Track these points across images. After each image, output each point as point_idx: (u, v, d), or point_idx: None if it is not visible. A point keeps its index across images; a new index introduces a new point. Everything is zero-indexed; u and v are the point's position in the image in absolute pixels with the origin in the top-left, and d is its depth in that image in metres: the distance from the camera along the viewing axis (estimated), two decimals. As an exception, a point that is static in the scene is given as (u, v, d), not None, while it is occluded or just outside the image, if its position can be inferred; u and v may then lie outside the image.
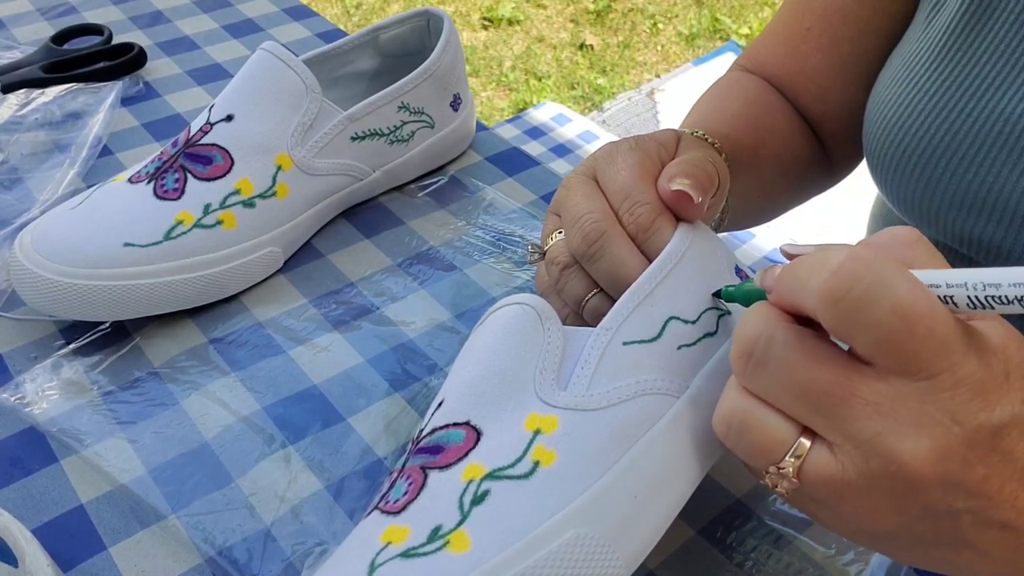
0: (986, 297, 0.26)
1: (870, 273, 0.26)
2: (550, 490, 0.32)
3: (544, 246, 0.42)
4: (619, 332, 0.35)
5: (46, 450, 0.43)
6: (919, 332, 0.26)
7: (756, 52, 0.62)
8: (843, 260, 0.27)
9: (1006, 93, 0.44)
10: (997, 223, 0.45)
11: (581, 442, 0.33)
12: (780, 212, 0.63)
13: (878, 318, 0.26)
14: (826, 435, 0.29)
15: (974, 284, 0.27)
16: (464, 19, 2.56)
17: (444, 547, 0.30)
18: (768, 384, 0.30)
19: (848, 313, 0.27)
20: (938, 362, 0.27)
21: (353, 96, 0.61)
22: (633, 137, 0.41)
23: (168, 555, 0.39)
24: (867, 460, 0.28)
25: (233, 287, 0.51)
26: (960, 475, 0.27)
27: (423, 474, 0.33)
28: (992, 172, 0.45)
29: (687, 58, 2.39)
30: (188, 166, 0.50)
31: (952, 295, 0.27)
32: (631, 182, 0.39)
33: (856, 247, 0.28)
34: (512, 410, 0.34)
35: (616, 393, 0.34)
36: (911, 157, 0.48)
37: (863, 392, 0.28)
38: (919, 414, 0.27)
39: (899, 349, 0.27)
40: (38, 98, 0.65)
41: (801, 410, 0.29)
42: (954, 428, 0.27)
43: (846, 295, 0.27)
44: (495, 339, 0.35)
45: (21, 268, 0.46)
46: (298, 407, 0.45)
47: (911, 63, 0.49)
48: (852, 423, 0.28)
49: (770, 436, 0.30)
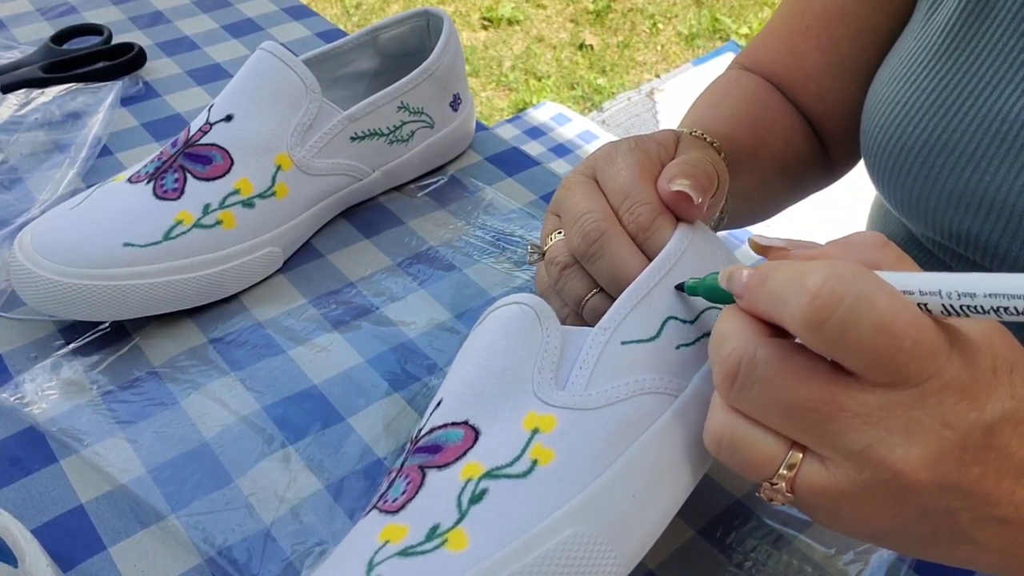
0: (960, 306, 0.26)
1: (851, 293, 0.26)
2: (548, 489, 0.32)
3: (543, 246, 0.42)
4: (617, 331, 0.35)
5: (46, 450, 0.43)
6: (904, 346, 0.26)
7: (755, 51, 0.62)
8: (822, 282, 0.26)
9: (1004, 92, 0.44)
10: (995, 222, 0.45)
11: (579, 441, 0.33)
12: (779, 210, 0.63)
13: (863, 337, 0.26)
14: (816, 449, 0.29)
15: (948, 292, 0.26)
16: (464, 19, 2.56)
17: (442, 545, 0.30)
18: (754, 404, 0.29)
19: (832, 336, 0.27)
20: (925, 370, 0.27)
21: (353, 96, 0.61)
22: (633, 137, 0.41)
23: (168, 555, 0.39)
24: (860, 471, 0.28)
25: (233, 287, 0.51)
26: (956, 476, 0.27)
27: (421, 473, 0.33)
28: (989, 171, 0.45)
29: (687, 58, 2.39)
30: (188, 166, 0.50)
31: (926, 302, 0.27)
32: (631, 182, 0.39)
33: (833, 265, 0.27)
34: (511, 409, 0.34)
35: (614, 392, 0.34)
36: (908, 155, 0.48)
37: (850, 405, 0.27)
38: (909, 422, 0.27)
39: (886, 364, 0.27)
40: (38, 98, 0.65)
41: (789, 428, 0.29)
42: (945, 432, 0.27)
43: (829, 318, 0.26)
44: (494, 339, 0.35)
45: (21, 268, 0.46)
46: (298, 407, 0.45)
47: (909, 62, 0.49)
48: (842, 437, 0.28)
49: (760, 453, 0.30)
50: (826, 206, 0.77)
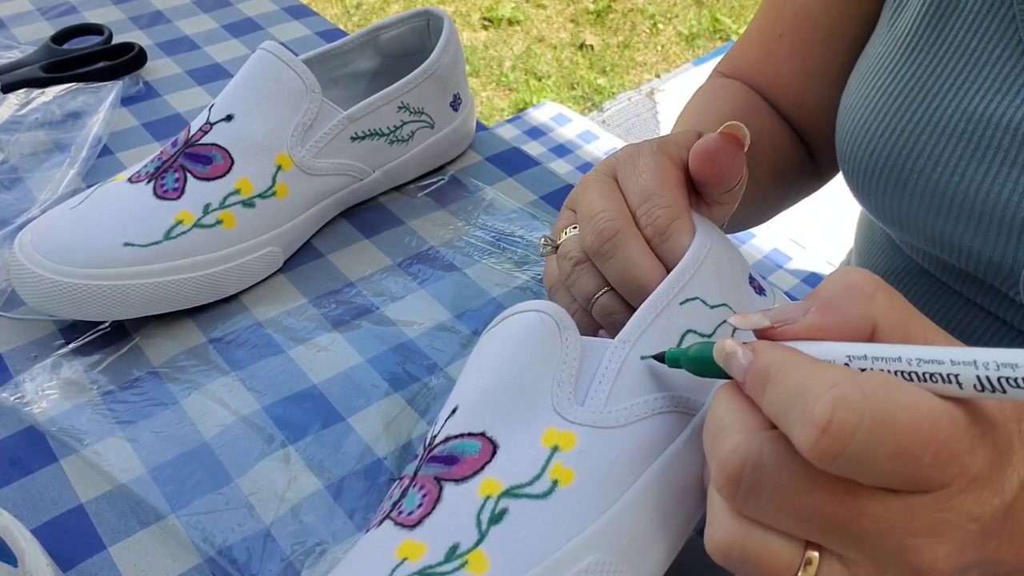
0: (999, 379, 0.23)
1: (863, 423, 0.24)
2: (569, 511, 0.31)
3: (556, 240, 0.42)
4: (637, 345, 0.35)
5: (46, 450, 0.43)
6: (925, 461, 0.24)
7: (734, 59, 0.62)
8: (830, 414, 0.24)
9: (968, 92, 0.44)
10: (966, 224, 0.45)
11: (599, 461, 0.32)
12: (772, 215, 0.63)
13: (879, 466, 0.24)
14: (836, 551, 0.27)
15: (985, 363, 0.23)
16: (464, 19, 2.56)
17: (462, 567, 0.30)
18: (765, 510, 0.27)
19: (847, 468, 0.25)
20: (948, 474, 0.25)
21: (353, 96, 0.61)
22: (656, 139, 0.41)
23: (168, 555, 0.39)
24: (883, 573, 0.27)
25: (233, 287, 0.51)
26: (977, 557, 0.27)
27: (438, 486, 0.33)
28: (957, 171, 0.44)
29: (687, 58, 2.39)
30: (188, 166, 0.50)
31: (957, 374, 0.24)
32: (652, 184, 0.38)
33: (841, 386, 0.24)
34: (529, 423, 0.33)
35: (634, 411, 0.33)
36: (878, 160, 0.47)
37: (872, 509, 0.26)
38: (935, 523, 0.26)
39: (907, 481, 0.25)
40: (38, 98, 0.65)
41: (806, 532, 0.27)
42: (971, 526, 0.26)
43: (841, 454, 0.24)
44: (511, 346, 0.35)
45: (21, 268, 0.46)
46: (298, 407, 0.45)
47: (875, 66, 0.49)
48: (866, 540, 0.26)
49: (776, 561, 0.27)
50: (828, 198, 0.77)
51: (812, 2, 0.55)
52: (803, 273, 1.40)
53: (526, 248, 0.55)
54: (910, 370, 0.25)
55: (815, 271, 1.40)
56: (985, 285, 0.48)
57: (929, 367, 0.25)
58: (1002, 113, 0.43)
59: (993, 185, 0.43)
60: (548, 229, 0.57)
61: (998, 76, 0.43)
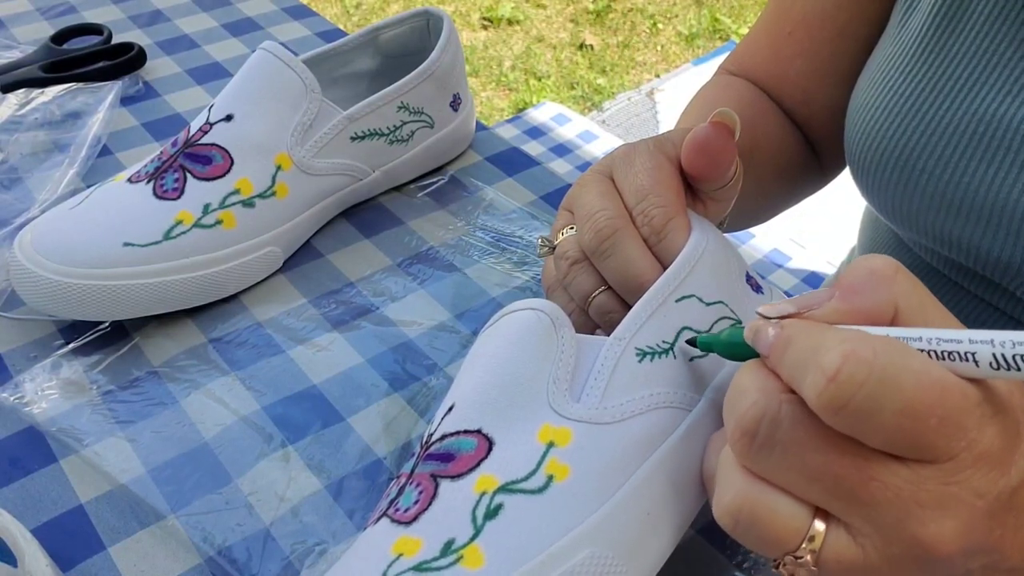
0: (1014, 356, 0.24)
1: (871, 376, 0.24)
2: (564, 506, 0.31)
3: (554, 240, 0.42)
4: (632, 342, 0.35)
5: (45, 450, 0.43)
6: (931, 424, 0.25)
7: (741, 56, 0.62)
8: (839, 363, 0.25)
9: (979, 94, 0.44)
10: (975, 223, 0.45)
11: (595, 457, 0.32)
12: (775, 213, 0.63)
13: (885, 422, 0.25)
14: (844, 517, 0.27)
15: (1002, 342, 0.24)
16: (464, 19, 2.56)
17: (457, 562, 0.30)
18: (776, 467, 0.27)
19: (851, 421, 0.25)
20: (954, 445, 0.25)
21: (353, 96, 0.61)
22: (652, 138, 0.41)
23: (168, 555, 0.39)
24: (889, 544, 0.27)
25: (233, 287, 0.51)
26: (982, 541, 0.27)
27: (434, 483, 0.33)
28: (968, 172, 0.44)
29: (687, 58, 2.39)
30: (188, 166, 0.50)
31: (975, 352, 0.25)
32: (648, 183, 0.38)
33: (852, 340, 0.25)
34: (525, 419, 0.33)
35: (629, 407, 0.34)
36: (888, 160, 0.48)
37: (882, 475, 0.26)
38: (942, 496, 0.26)
39: (911, 444, 0.26)
40: (38, 98, 0.65)
41: (815, 494, 0.27)
42: (978, 503, 0.26)
43: (847, 404, 0.25)
44: (507, 345, 0.35)
45: (21, 268, 0.46)
46: (297, 407, 0.45)
47: (886, 67, 0.49)
48: (872, 508, 0.26)
49: (784, 525, 0.28)
50: (829, 197, 0.77)
51: (826, 1, 0.55)
52: (803, 273, 1.40)
53: (526, 248, 0.55)
54: (929, 348, 0.26)
55: (815, 271, 1.40)
56: (993, 284, 0.48)
57: (948, 346, 0.26)
58: (1012, 114, 0.43)
59: (1003, 186, 0.43)
60: (548, 229, 0.57)
61: (1008, 78, 0.43)
